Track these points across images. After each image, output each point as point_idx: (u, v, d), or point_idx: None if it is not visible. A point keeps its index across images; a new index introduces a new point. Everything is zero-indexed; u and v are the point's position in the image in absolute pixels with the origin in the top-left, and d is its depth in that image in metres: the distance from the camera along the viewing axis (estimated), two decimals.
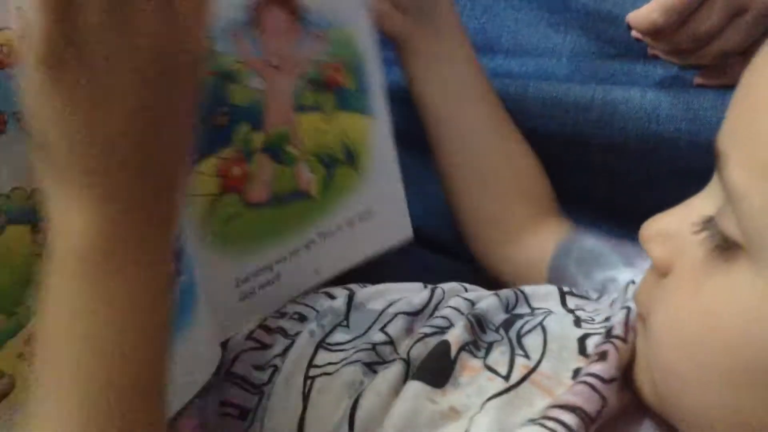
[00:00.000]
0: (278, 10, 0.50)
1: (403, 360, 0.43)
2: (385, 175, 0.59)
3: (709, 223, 0.34)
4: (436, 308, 0.49)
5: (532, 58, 0.68)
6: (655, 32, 0.55)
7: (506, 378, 0.41)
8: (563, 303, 0.49)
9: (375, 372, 0.43)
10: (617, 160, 0.63)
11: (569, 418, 0.36)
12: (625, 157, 0.63)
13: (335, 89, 0.55)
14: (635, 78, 0.63)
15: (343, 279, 0.56)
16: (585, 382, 0.38)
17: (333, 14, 0.53)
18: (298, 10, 0.51)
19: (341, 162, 0.56)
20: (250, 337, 0.49)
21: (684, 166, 0.60)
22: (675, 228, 0.36)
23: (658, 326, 0.36)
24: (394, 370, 0.42)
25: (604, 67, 0.64)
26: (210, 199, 0.47)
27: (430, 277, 0.57)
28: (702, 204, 0.36)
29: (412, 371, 0.43)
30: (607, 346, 0.40)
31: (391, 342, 0.46)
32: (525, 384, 0.40)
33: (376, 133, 0.58)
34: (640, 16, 0.55)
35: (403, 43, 0.61)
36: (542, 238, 0.60)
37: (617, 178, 0.65)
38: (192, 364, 0.44)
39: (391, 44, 0.62)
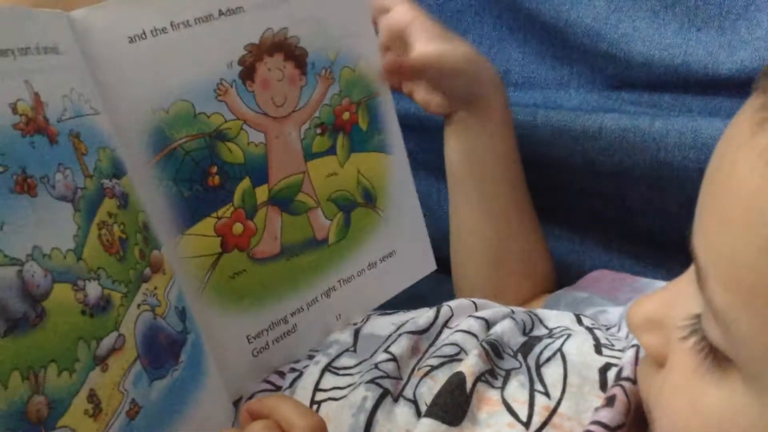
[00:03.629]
0: (275, 59, 0.48)
1: (410, 401, 0.42)
2: (406, 211, 0.57)
3: (695, 324, 0.32)
4: (444, 326, 0.48)
5: (540, 90, 0.69)
6: None
7: (526, 425, 0.40)
8: (579, 322, 0.49)
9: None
10: (627, 187, 0.64)
11: None
12: (634, 184, 0.63)
13: (349, 131, 0.53)
14: (643, 107, 0.63)
15: None
16: None
17: (338, 53, 0.51)
18: (297, 55, 0.49)
19: (360, 204, 0.54)
20: (264, 379, 0.49)
21: (693, 193, 0.60)
22: (661, 315, 0.35)
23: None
24: (405, 410, 0.42)
25: (612, 98, 0.65)
26: (211, 259, 0.46)
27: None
28: (686, 296, 0.33)
29: (422, 408, 0.41)
30: (616, 390, 0.39)
31: (394, 359, 0.45)
32: (546, 430, 0.39)
33: (394, 170, 0.56)
34: None
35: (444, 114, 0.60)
36: (531, 305, 0.61)
37: (628, 204, 0.65)
38: (208, 421, 0.43)
39: None
